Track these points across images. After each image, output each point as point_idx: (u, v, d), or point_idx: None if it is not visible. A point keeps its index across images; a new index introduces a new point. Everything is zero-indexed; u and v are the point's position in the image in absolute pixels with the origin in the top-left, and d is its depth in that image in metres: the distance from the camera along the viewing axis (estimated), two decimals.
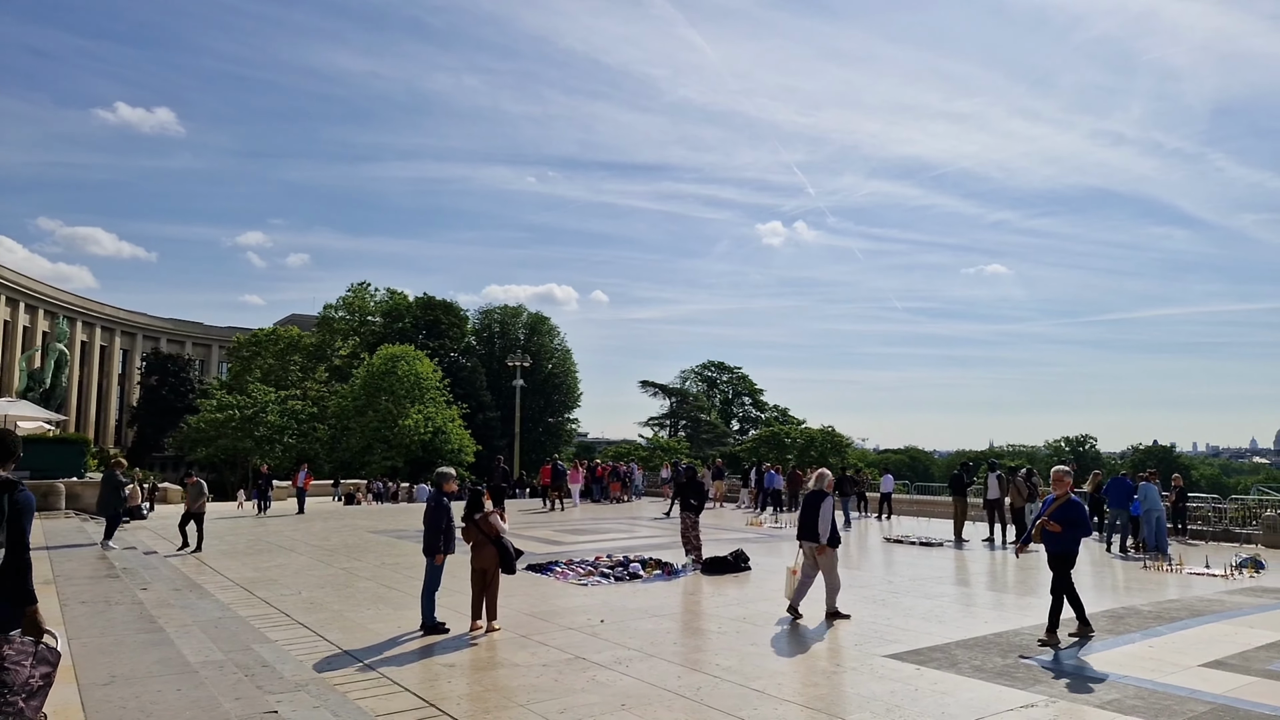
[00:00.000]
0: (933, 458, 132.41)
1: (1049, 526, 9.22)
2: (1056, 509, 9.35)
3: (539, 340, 67.95)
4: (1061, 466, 10.13)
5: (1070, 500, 9.33)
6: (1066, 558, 9.23)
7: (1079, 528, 9.24)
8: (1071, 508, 9.27)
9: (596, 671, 7.82)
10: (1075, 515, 9.25)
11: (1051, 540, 9.28)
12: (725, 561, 14.24)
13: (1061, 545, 9.24)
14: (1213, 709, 6.72)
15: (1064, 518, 9.22)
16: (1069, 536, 9.21)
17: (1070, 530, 9.19)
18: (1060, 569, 9.23)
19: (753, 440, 70.07)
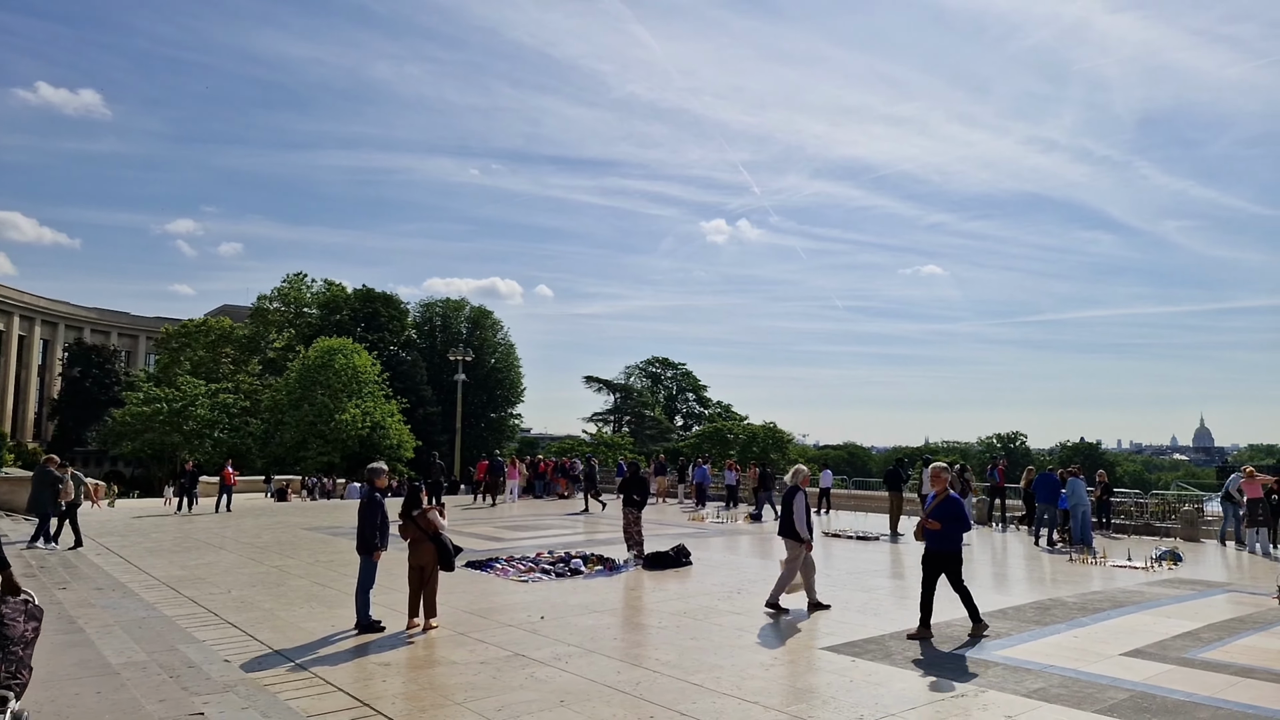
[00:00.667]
0: (870, 453, 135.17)
1: (929, 525, 9.12)
2: (937, 506, 9.26)
3: (482, 334, 67.24)
4: (939, 463, 9.95)
5: (949, 497, 9.24)
6: (954, 557, 9.17)
7: (959, 523, 9.15)
8: (951, 504, 9.18)
9: (536, 668, 7.76)
10: (955, 511, 9.15)
11: (933, 538, 9.16)
12: (667, 557, 14.29)
13: (943, 543, 9.15)
14: (1131, 696, 6.97)
15: (944, 514, 9.12)
16: (950, 533, 9.11)
17: (951, 526, 9.10)
18: (952, 567, 9.16)
19: (696, 436, 70.54)
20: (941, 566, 9.17)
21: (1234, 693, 7.10)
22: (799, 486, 10.93)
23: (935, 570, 9.17)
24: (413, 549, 9.56)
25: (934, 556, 9.19)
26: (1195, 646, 8.80)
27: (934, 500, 9.32)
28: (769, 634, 9.27)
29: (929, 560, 9.23)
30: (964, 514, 9.23)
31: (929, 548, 9.23)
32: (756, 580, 12.97)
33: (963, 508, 9.24)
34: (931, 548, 9.20)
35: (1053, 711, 6.57)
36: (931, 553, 9.20)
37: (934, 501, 9.30)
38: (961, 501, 9.30)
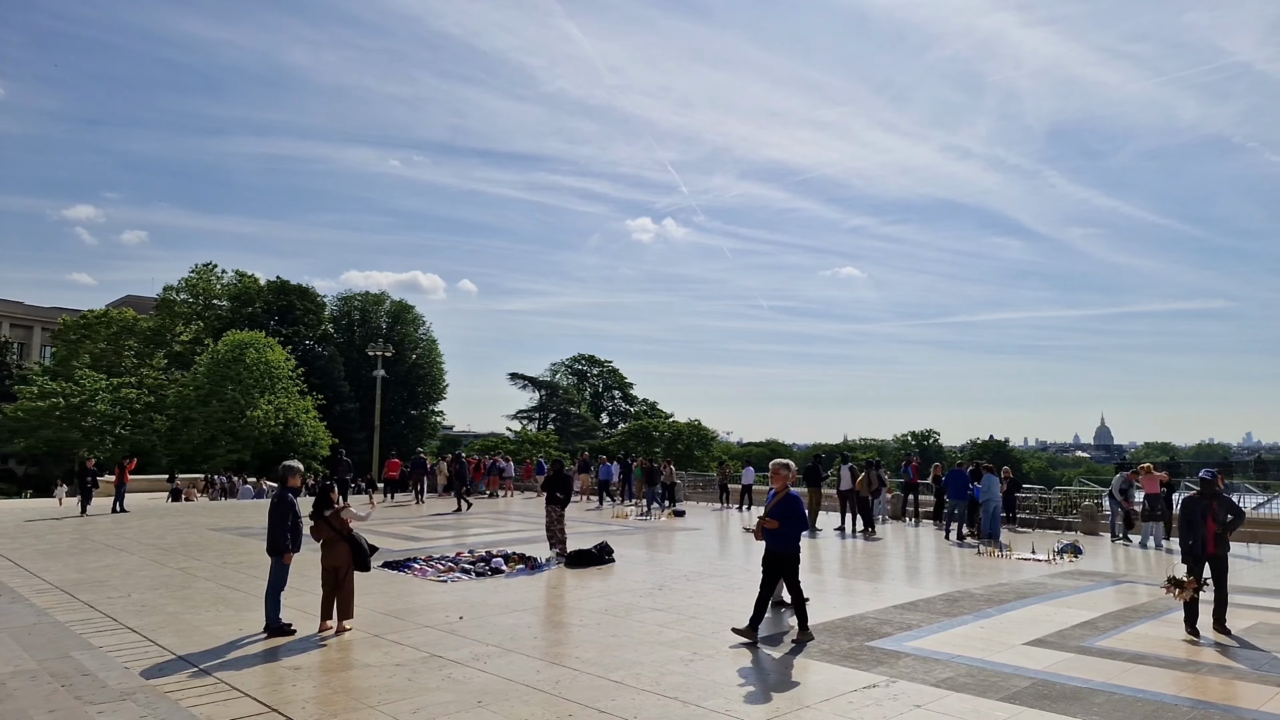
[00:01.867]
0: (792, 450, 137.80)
1: (767, 524, 8.80)
2: (776, 505, 8.91)
3: (403, 329, 65.82)
4: (779, 460, 9.56)
5: (789, 496, 8.92)
6: (792, 557, 8.86)
7: (797, 523, 8.85)
8: (790, 503, 8.87)
9: (453, 669, 7.64)
10: (794, 510, 8.84)
11: (771, 537, 8.84)
12: (589, 554, 14.26)
13: (782, 543, 8.83)
14: (1033, 683, 7.27)
15: (783, 513, 8.81)
16: (788, 533, 8.81)
17: (790, 526, 8.80)
18: (788, 569, 8.86)
19: (622, 433, 70.67)
20: (779, 567, 8.88)
21: (1127, 678, 7.47)
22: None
23: (774, 571, 8.91)
24: (326, 549, 9.29)
25: (772, 556, 8.89)
26: (1093, 635, 9.23)
27: (773, 499, 8.99)
28: (690, 630, 9.32)
29: (768, 561, 8.95)
30: (802, 513, 8.93)
31: (768, 547, 8.92)
32: (679, 577, 13.06)
33: (801, 506, 8.93)
34: (770, 547, 8.89)
35: (959, 700, 6.80)
36: (770, 552, 8.90)
37: (773, 500, 8.98)
38: (800, 500, 8.99)
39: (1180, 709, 6.61)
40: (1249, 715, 6.49)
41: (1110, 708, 6.60)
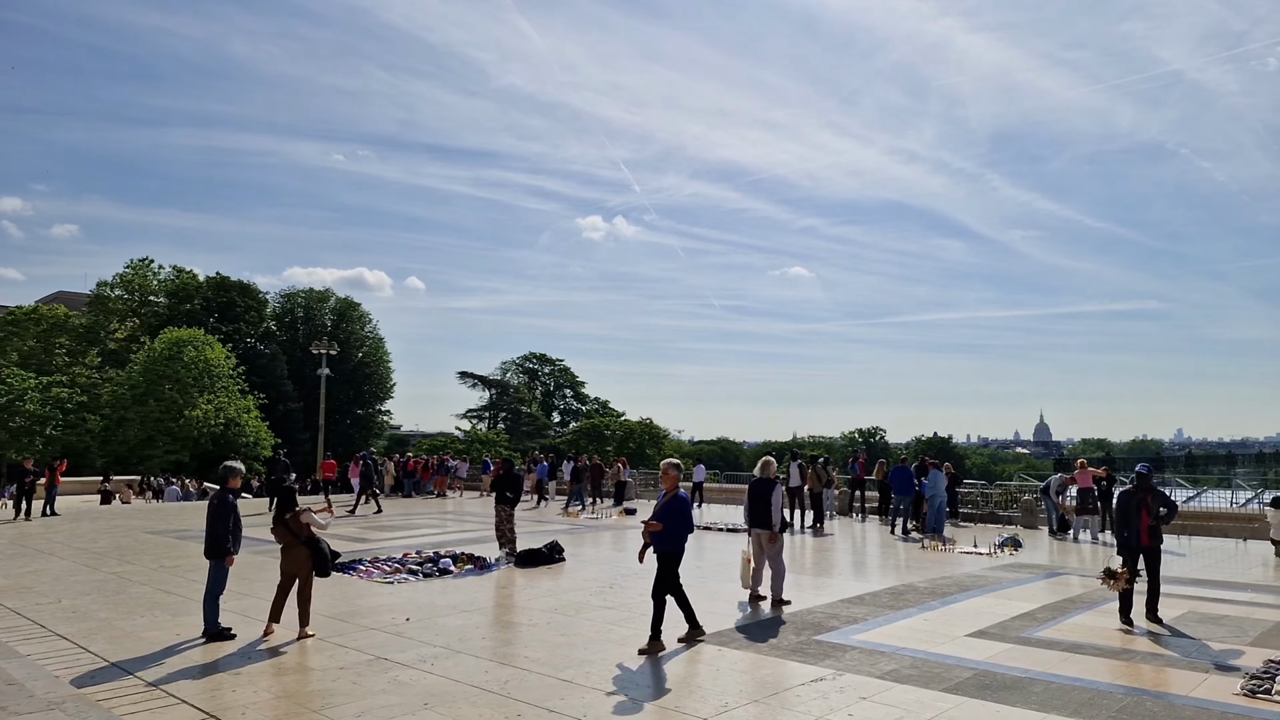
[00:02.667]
0: (742, 448, 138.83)
1: (651, 526, 8.47)
2: (663, 506, 8.61)
3: (348, 327, 64.48)
4: (669, 460, 9.23)
5: (676, 497, 8.62)
6: (674, 557, 8.53)
7: (682, 524, 8.53)
8: (677, 504, 8.57)
9: (399, 671, 7.51)
10: (680, 511, 8.54)
11: (657, 539, 8.49)
12: (539, 554, 14.17)
13: (666, 544, 8.49)
14: (975, 674, 7.43)
15: (669, 514, 8.49)
16: (673, 534, 8.48)
17: (675, 527, 8.47)
18: (668, 568, 8.51)
19: (573, 432, 70.43)
20: (663, 569, 8.52)
21: (1065, 667, 7.68)
22: (774, 479, 10.95)
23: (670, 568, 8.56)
24: (284, 554, 9.04)
25: (657, 558, 8.57)
26: (1032, 626, 9.47)
27: (662, 499, 8.71)
28: (641, 627, 9.29)
29: (660, 561, 8.58)
30: (688, 515, 8.63)
31: (655, 549, 8.55)
32: (630, 575, 13.05)
33: (688, 508, 8.65)
34: (655, 549, 8.55)
35: (904, 691, 6.91)
36: (656, 554, 8.57)
37: (662, 500, 8.70)
38: (688, 501, 8.71)
39: (1115, 696, 6.82)
40: (1179, 701, 6.72)
41: (1048, 696, 6.77)
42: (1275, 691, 6.76)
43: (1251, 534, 18.83)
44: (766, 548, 10.79)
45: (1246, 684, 7.00)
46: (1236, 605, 10.81)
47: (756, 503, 10.84)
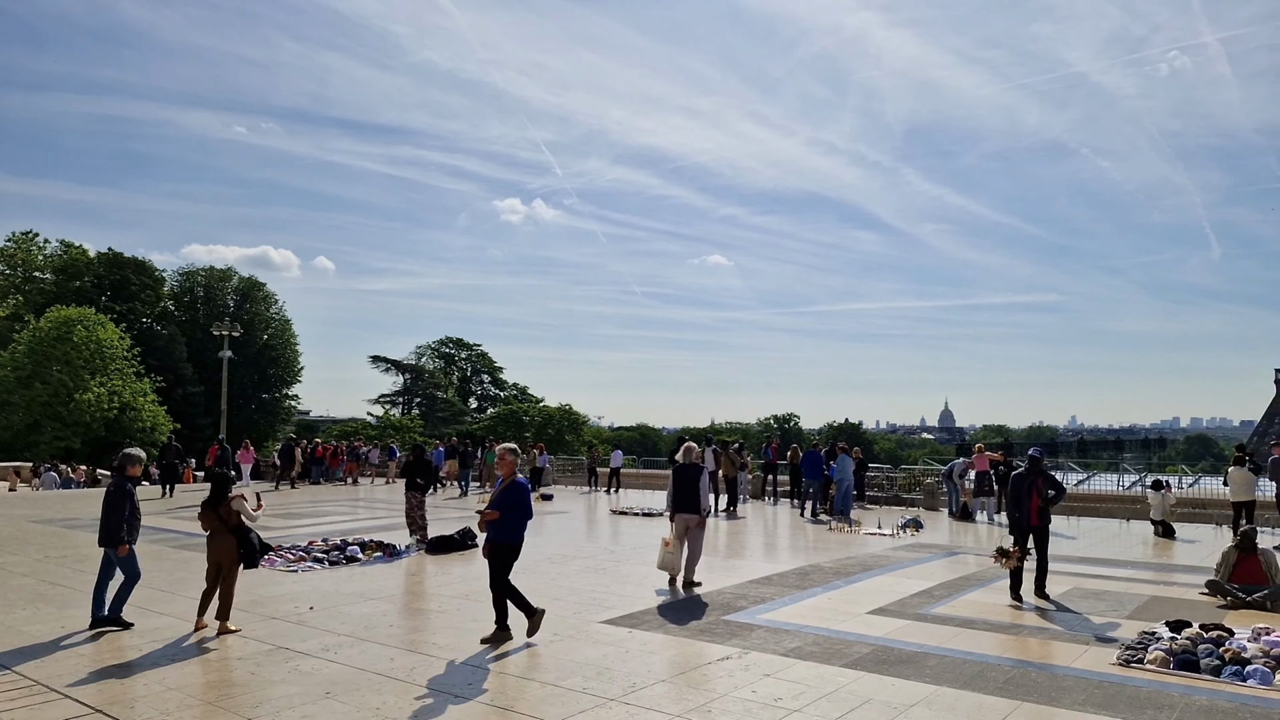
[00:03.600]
0: (661, 434, 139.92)
1: (487, 515, 7.96)
2: (500, 494, 8.09)
3: (252, 308, 61.99)
4: (506, 445, 8.59)
5: (514, 483, 8.06)
6: (512, 549, 8.06)
7: (522, 512, 8.04)
8: (514, 491, 8.02)
9: (300, 661, 7.32)
10: (518, 499, 8.01)
11: (493, 529, 7.98)
12: (451, 540, 14.00)
13: (505, 534, 8.00)
14: (874, 649, 7.70)
15: (506, 502, 7.98)
16: (511, 523, 7.99)
17: (513, 516, 7.99)
18: (503, 561, 8.03)
19: (491, 418, 69.66)
20: (499, 559, 8.03)
21: (957, 642, 8.03)
22: (699, 464, 11.07)
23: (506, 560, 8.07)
24: (211, 542, 8.67)
25: (493, 549, 8.05)
26: (928, 603, 9.87)
27: (499, 486, 8.16)
28: (552, 612, 9.27)
29: (491, 554, 8.09)
30: (527, 503, 8.10)
31: (488, 539, 8.06)
32: (543, 560, 13.02)
33: (526, 495, 8.11)
34: (490, 539, 8.05)
35: (806, 667, 7.12)
36: (490, 544, 8.06)
37: (499, 488, 8.14)
38: (526, 488, 8.18)
39: (1003, 668, 7.17)
40: (1061, 671, 7.12)
41: (941, 669, 7.08)
42: (1147, 661, 7.22)
43: (1134, 515, 20.03)
44: (690, 532, 10.91)
45: (1122, 654, 7.46)
46: (1117, 581, 11.50)
47: (682, 488, 10.93)
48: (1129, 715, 5.96)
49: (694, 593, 10.41)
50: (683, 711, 6.03)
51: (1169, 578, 11.88)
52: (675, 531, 10.92)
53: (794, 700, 6.27)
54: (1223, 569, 10.38)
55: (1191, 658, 7.13)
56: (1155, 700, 6.30)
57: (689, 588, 10.61)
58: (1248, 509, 15.69)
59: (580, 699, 6.29)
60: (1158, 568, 12.92)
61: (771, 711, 6.03)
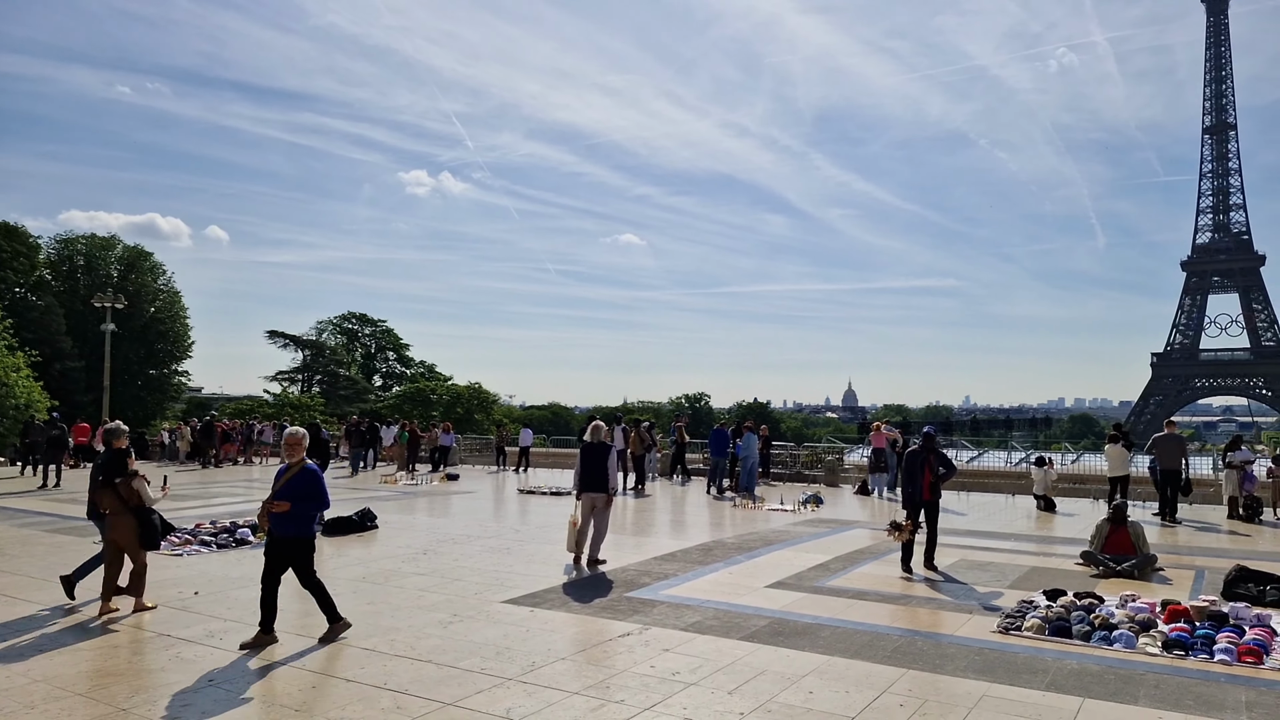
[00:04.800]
0: (574, 413, 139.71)
1: (275, 508, 7.09)
2: (288, 482, 7.20)
3: (138, 278, 58.36)
4: (295, 428, 7.77)
5: (305, 470, 7.26)
6: (306, 544, 7.29)
7: (316, 502, 7.26)
8: (307, 479, 7.21)
9: (183, 648, 6.98)
10: (311, 488, 7.20)
11: (280, 522, 7.14)
12: (350, 521, 13.61)
13: (294, 527, 7.18)
14: (771, 622, 7.87)
15: (297, 492, 7.15)
16: (303, 514, 7.19)
17: (306, 506, 7.19)
18: (300, 559, 7.23)
19: (396, 397, 68.02)
20: (289, 556, 7.21)
21: (850, 613, 8.28)
22: (608, 443, 11.09)
23: (280, 561, 7.21)
24: (110, 523, 8.28)
25: (279, 544, 7.19)
26: (825, 576, 10.15)
27: (285, 473, 7.28)
28: (453, 593, 9.16)
29: (274, 549, 7.21)
30: (321, 491, 7.28)
31: (274, 532, 7.19)
32: (446, 540, 12.81)
33: (320, 483, 7.29)
34: (277, 533, 7.17)
35: (705, 641, 7.21)
36: (277, 539, 7.18)
37: (285, 475, 7.26)
38: (320, 477, 7.33)
39: (891, 637, 7.43)
40: (946, 640, 7.42)
41: (834, 640, 7.28)
42: (1025, 628, 7.61)
43: (1019, 490, 21.09)
44: (597, 511, 10.91)
45: (1002, 622, 7.83)
46: (1001, 553, 12.08)
47: (590, 466, 10.93)
48: (1006, 679, 6.26)
49: (599, 570, 10.42)
50: (581, 688, 6.02)
51: (1049, 549, 12.55)
52: (582, 510, 10.93)
53: (692, 674, 6.34)
54: (1096, 540, 11.02)
55: (1065, 624, 7.55)
56: (1031, 665, 6.63)
57: (594, 565, 10.62)
58: (1123, 483, 16.71)
59: (477, 679, 6.20)
60: (1039, 540, 13.65)
61: (669, 685, 6.09)
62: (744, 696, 5.87)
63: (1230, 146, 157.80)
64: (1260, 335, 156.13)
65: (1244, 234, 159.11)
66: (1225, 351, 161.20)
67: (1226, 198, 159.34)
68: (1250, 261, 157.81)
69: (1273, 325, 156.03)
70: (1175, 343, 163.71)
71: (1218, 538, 13.98)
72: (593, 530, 10.89)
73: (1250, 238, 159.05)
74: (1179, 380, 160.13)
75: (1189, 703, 5.77)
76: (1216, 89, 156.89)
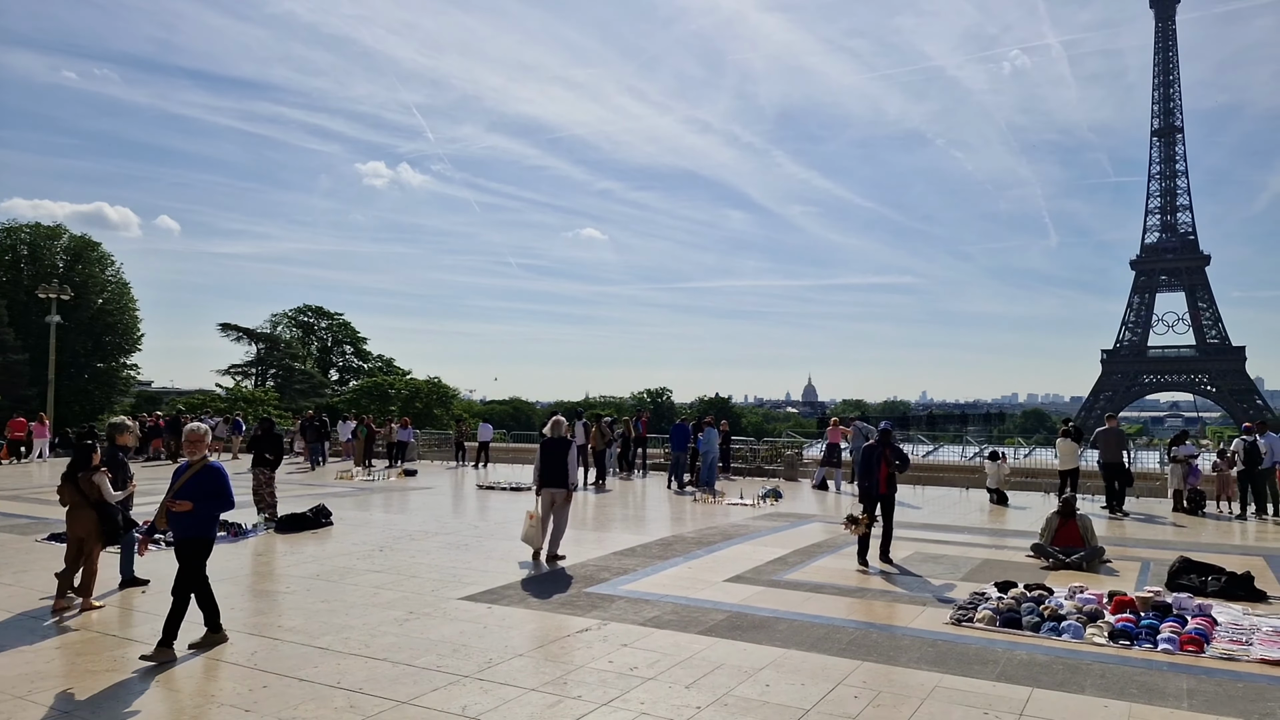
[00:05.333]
0: (535, 408, 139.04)
1: (176, 507, 6.71)
2: (188, 481, 6.79)
3: (85, 269, 56.63)
4: (195, 424, 7.33)
5: (208, 467, 6.87)
6: (203, 545, 6.83)
7: (218, 501, 6.85)
8: (210, 477, 6.82)
9: (128, 648, 6.81)
10: (215, 486, 6.81)
11: (179, 523, 6.75)
12: (304, 518, 13.39)
13: (194, 529, 6.76)
14: (729, 616, 7.91)
15: (200, 489, 6.75)
16: (204, 515, 6.80)
17: (208, 506, 6.79)
18: (193, 559, 6.78)
19: (353, 391, 67.08)
20: (186, 555, 6.78)
21: (808, 606, 8.36)
22: (568, 438, 11.04)
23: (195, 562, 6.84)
24: (69, 516, 8.15)
25: (182, 545, 6.79)
26: (782, 570, 10.23)
27: (185, 471, 6.90)
28: (409, 590, 9.06)
29: (180, 551, 6.82)
30: (225, 488, 6.87)
31: (177, 534, 6.83)
32: (403, 537, 12.67)
33: (224, 481, 6.88)
34: (178, 534, 6.80)
35: (664, 636, 7.22)
36: (179, 541, 6.80)
37: (186, 473, 6.88)
38: (223, 474, 6.92)
39: (847, 630, 7.51)
40: (900, 632, 7.53)
41: (791, 633, 7.34)
42: (977, 620, 7.74)
43: (973, 484, 21.46)
44: (556, 506, 10.85)
45: (955, 614, 7.96)
46: (955, 546, 12.28)
47: (549, 462, 10.87)
48: (958, 670, 6.36)
49: (558, 566, 10.39)
50: (538, 684, 5.99)
51: (1001, 542, 12.80)
52: (542, 506, 10.88)
53: (649, 669, 6.35)
54: (1046, 533, 11.25)
55: (1015, 615, 7.70)
56: (982, 656, 6.75)
57: (553, 561, 10.58)
58: (1072, 477, 17.09)
59: (433, 677, 6.14)
60: (991, 533, 13.90)
61: (626, 680, 6.08)
62: (701, 690, 5.89)
63: (1177, 149, 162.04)
64: (1205, 333, 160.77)
65: (1190, 234, 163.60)
66: (1172, 349, 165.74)
67: (1174, 199, 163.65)
68: (1196, 261, 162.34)
69: (1217, 323, 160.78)
70: (1124, 340, 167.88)
71: (1163, 530, 14.37)
72: (552, 526, 10.85)
73: (1196, 238, 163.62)
74: (1128, 376, 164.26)
75: (1133, 691, 5.92)
76: (1164, 93, 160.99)
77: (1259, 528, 14.78)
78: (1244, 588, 8.97)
